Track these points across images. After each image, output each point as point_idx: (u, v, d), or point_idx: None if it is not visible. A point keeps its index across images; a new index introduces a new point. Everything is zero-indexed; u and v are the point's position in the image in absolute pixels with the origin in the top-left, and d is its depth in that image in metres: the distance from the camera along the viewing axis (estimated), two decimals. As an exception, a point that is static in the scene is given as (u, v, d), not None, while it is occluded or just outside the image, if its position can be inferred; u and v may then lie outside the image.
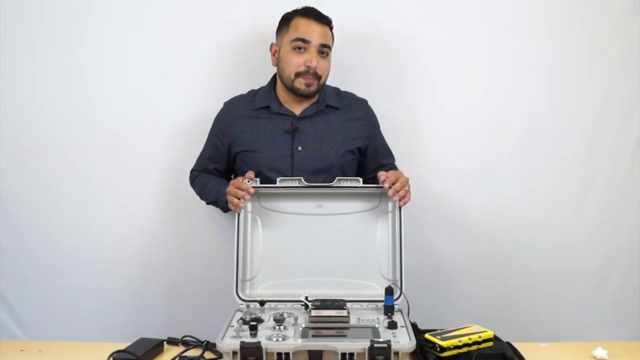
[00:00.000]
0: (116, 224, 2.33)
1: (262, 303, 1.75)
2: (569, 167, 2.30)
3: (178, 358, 1.64)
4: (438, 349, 1.55)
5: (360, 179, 1.87)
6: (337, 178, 1.87)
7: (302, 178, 1.86)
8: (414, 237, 2.25)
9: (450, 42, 2.27)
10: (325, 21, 1.97)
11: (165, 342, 1.72)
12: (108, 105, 2.29)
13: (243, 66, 2.28)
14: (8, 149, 2.32)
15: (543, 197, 2.31)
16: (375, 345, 1.46)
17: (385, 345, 1.46)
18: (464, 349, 1.57)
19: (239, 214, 1.84)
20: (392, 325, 1.62)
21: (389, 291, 1.70)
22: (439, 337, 1.58)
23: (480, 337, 1.59)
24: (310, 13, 1.97)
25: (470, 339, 1.58)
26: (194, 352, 1.67)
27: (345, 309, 1.68)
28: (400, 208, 1.83)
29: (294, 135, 2.00)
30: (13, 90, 2.30)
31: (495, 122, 2.29)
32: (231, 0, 2.27)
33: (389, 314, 1.69)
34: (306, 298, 1.71)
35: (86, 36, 2.27)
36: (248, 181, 1.86)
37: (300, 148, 2.00)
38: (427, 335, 1.60)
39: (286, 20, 1.99)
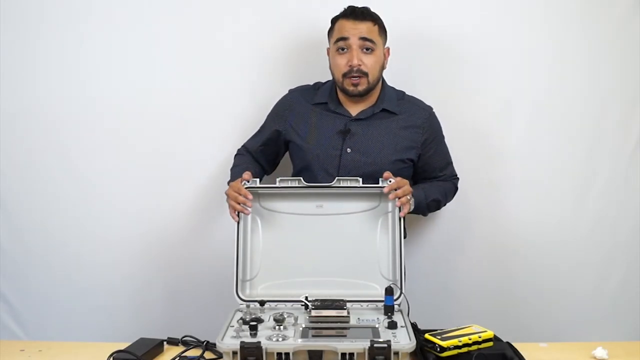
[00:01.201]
0: (116, 224, 2.33)
1: (262, 303, 1.75)
2: (569, 167, 2.30)
3: (178, 358, 1.64)
4: (438, 349, 1.55)
5: (360, 179, 1.85)
6: (336, 178, 1.86)
7: (301, 178, 1.86)
8: (414, 237, 2.26)
9: (447, 42, 2.27)
10: (366, 17, 1.94)
11: (165, 342, 1.72)
12: (108, 105, 2.29)
13: (243, 66, 2.28)
14: (8, 149, 2.32)
15: (543, 197, 2.31)
16: (375, 345, 1.46)
17: (385, 345, 1.46)
18: (464, 349, 1.57)
19: (239, 214, 1.84)
20: (392, 325, 1.61)
21: (389, 291, 1.70)
22: (439, 337, 1.58)
23: (480, 337, 1.59)
24: (349, 13, 1.95)
25: (470, 339, 1.58)
26: (194, 352, 1.67)
27: (345, 309, 1.68)
28: (400, 209, 1.83)
29: (345, 136, 1.98)
30: (13, 90, 2.30)
31: (496, 122, 2.29)
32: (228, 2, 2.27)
33: (389, 314, 1.69)
34: (306, 298, 1.71)
35: (86, 36, 2.27)
36: (246, 182, 1.85)
37: (349, 150, 1.97)
38: (427, 335, 1.60)
39: (332, 23, 1.99)
